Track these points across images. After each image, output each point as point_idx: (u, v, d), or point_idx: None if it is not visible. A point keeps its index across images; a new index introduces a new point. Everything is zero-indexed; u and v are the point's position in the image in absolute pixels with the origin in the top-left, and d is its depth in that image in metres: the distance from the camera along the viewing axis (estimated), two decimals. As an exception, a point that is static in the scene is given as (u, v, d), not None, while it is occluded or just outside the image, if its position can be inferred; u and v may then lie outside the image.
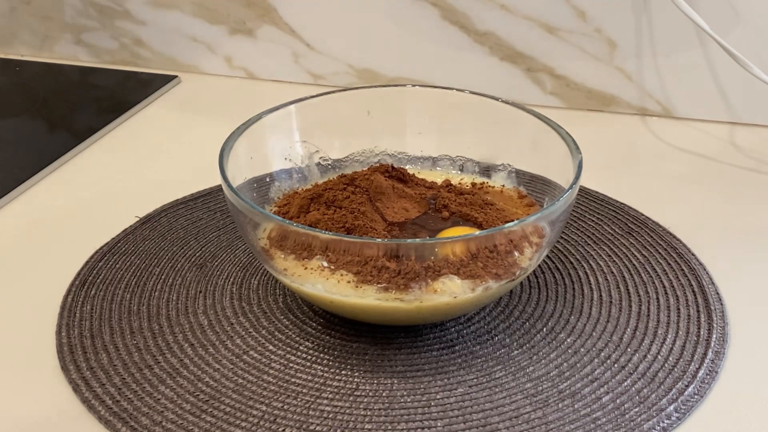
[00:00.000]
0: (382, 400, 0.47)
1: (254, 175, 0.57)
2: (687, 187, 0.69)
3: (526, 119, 0.58)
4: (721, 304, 0.54)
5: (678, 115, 0.80)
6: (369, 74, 0.86)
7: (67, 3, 0.92)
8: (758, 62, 0.72)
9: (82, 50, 0.94)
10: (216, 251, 0.60)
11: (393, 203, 0.56)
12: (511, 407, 0.46)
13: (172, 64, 0.92)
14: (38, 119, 0.82)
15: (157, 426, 0.45)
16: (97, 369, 0.49)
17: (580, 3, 0.77)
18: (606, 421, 0.45)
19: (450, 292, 0.47)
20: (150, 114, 0.83)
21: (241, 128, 0.56)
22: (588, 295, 0.55)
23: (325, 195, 0.55)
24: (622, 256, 0.59)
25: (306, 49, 0.87)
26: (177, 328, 0.52)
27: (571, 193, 0.49)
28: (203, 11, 0.88)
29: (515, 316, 0.53)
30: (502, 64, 0.82)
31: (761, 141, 0.76)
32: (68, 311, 0.54)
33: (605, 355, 0.50)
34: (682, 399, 0.47)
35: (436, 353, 0.50)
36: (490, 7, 0.80)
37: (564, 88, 0.82)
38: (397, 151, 0.63)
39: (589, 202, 0.65)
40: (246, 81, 0.90)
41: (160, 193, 0.67)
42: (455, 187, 0.58)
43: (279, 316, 0.54)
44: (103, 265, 0.58)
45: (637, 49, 0.78)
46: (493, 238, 0.48)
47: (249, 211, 0.49)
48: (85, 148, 0.76)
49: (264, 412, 0.46)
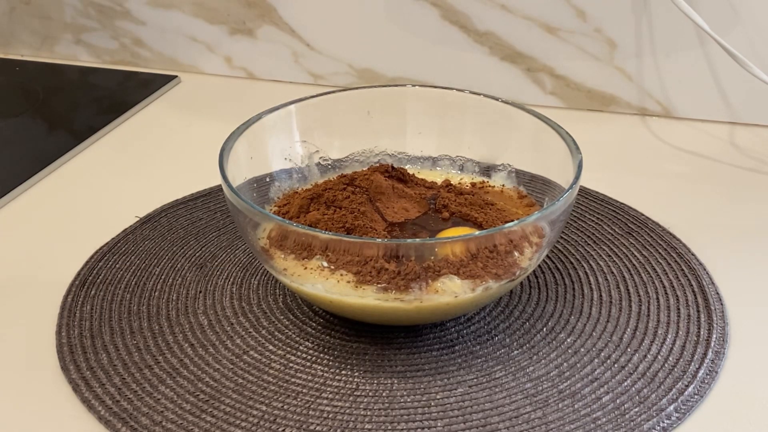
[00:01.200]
0: (382, 400, 0.47)
1: (254, 175, 0.57)
2: (687, 187, 0.69)
3: (526, 119, 0.58)
4: (721, 304, 0.54)
5: (678, 115, 0.80)
6: (369, 74, 0.86)
7: (67, 3, 0.92)
8: (758, 62, 0.72)
9: (82, 50, 0.94)
10: (216, 251, 0.60)
11: (393, 203, 0.56)
12: (511, 407, 0.46)
13: (172, 64, 0.92)
14: (38, 119, 0.82)
15: (157, 426, 0.45)
16: (97, 369, 0.49)
17: (580, 3, 0.77)
18: (606, 421, 0.45)
19: (450, 292, 0.47)
20: (150, 114, 0.83)
21: (241, 128, 0.56)
22: (588, 295, 0.55)
23: (325, 195, 0.55)
24: (622, 256, 0.59)
25: (306, 49, 0.87)
26: (177, 328, 0.52)
27: (571, 193, 0.49)
28: (203, 11, 0.88)
29: (515, 316, 0.53)
30: (502, 64, 0.82)
31: (761, 141, 0.76)
32: (68, 311, 0.54)
33: (605, 355, 0.50)
34: (682, 399, 0.47)
35: (436, 353, 0.50)
36: (490, 7, 0.80)
37: (564, 88, 0.82)
38: (397, 151, 0.63)
39: (589, 202, 0.65)
40: (246, 81, 0.90)
41: (160, 193, 0.67)
42: (455, 187, 0.58)
43: (279, 316, 0.54)
44: (103, 265, 0.58)
45: (637, 49, 0.78)
46: (493, 238, 0.48)
47: (249, 211, 0.49)
48: (85, 148, 0.76)
49: (264, 412, 0.46)
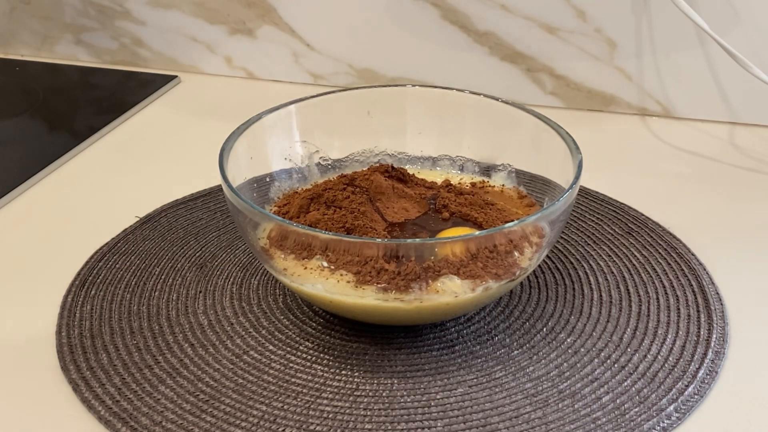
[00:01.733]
0: (382, 400, 0.47)
1: (254, 175, 0.57)
2: (687, 187, 0.69)
3: (526, 119, 0.58)
4: (721, 304, 0.54)
5: (678, 115, 0.80)
6: (369, 74, 0.86)
7: (67, 3, 0.92)
8: (758, 62, 0.72)
9: (82, 50, 0.94)
10: (216, 251, 0.60)
11: (393, 203, 0.56)
12: (511, 407, 0.46)
13: (172, 64, 0.92)
14: (38, 119, 0.82)
15: (157, 426, 0.45)
16: (97, 369, 0.49)
17: (580, 3, 0.77)
18: (606, 421, 0.45)
19: (450, 292, 0.47)
20: (150, 114, 0.83)
21: (241, 128, 0.56)
22: (588, 295, 0.55)
23: (325, 195, 0.55)
24: (622, 256, 0.59)
25: (306, 49, 0.87)
26: (177, 328, 0.52)
27: (571, 193, 0.49)
28: (203, 11, 0.88)
29: (515, 316, 0.53)
30: (502, 64, 0.82)
31: (761, 141, 0.76)
32: (68, 311, 0.54)
33: (605, 355, 0.50)
34: (682, 399, 0.47)
35: (436, 353, 0.50)
36: (490, 7, 0.80)
37: (564, 88, 0.82)
38: (397, 151, 0.63)
39: (589, 202, 0.65)
40: (246, 81, 0.90)
41: (160, 193, 0.67)
42: (455, 187, 0.58)
43: (279, 316, 0.54)
44: (103, 265, 0.58)
45: (637, 49, 0.78)
46: (493, 238, 0.48)
47: (249, 211, 0.49)
48: (85, 148, 0.76)
49: (264, 412, 0.46)
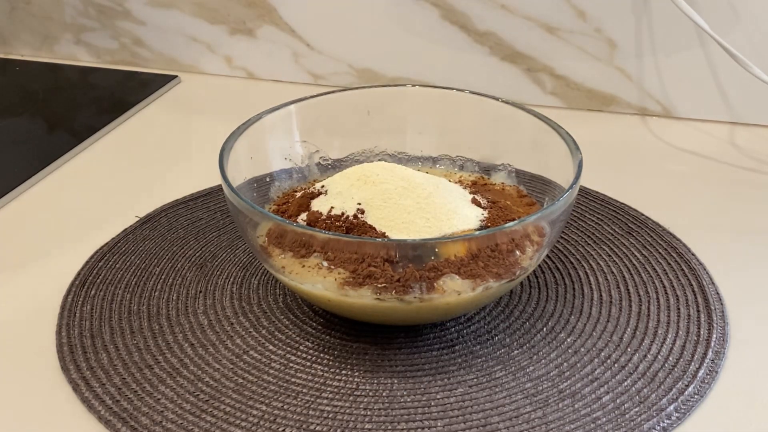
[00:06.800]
0: (382, 400, 0.47)
1: (254, 175, 0.57)
2: (687, 187, 0.69)
3: (526, 119, 0.58)
4: (721, 304, 0.54)
5: (678, 115, 0.80)
6: (369, 74, 0.86)
7: (67, 3, 0.92)
8: (758, 62, 0.72)
9: (82, 50, 0.94)
10: (216, 251, 0.60)
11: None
12: (511, 407, 0.46)
13: (172, 64, 0.92)
14: (38, 119, 0.82)
15: (157, 426, 0.45)
16: (97, 369, 0.49)
17: (580, 3, 0.77)
18: (606, 421, 0.45)
19: (450, 291, 0.47)
20: (150, 114, 0.83)
21: (241, 128, 0.56)
22: (588, 295, 0.55)
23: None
24: (622, 256, 0.59)
25: (306, 49, 0.87)
26: (177, 328, 0.52)
27: (571, 193, 0.49)
28: (203, 11, 0.88)
29: (515, 316, 0.53)
30: (502, 64, 0.82)
31: (761, 141, 0.76)
32: (68, 311, 0.54)
33: (605, 355, 0.50)
34: (682, 399, 0.47)
35: (436, 353, 0.50)
36: (490, 7, 0.80)
37: (564, 88, 0.82)
38: (397, 150, 0.63)
39: (589, 202, 0.65)
40: (246, 81, 0.90)
41: (160, 193, 0.67)
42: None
43: (279, 315, 0.54)
44: (103, 265, 0.58)
45: (637, 49, 0.78)
46: (494, 238, 0.48)
47: (249, 211, 0.49)
48: (85, 148, 0.76)
49: (264, 412, 0.46)
